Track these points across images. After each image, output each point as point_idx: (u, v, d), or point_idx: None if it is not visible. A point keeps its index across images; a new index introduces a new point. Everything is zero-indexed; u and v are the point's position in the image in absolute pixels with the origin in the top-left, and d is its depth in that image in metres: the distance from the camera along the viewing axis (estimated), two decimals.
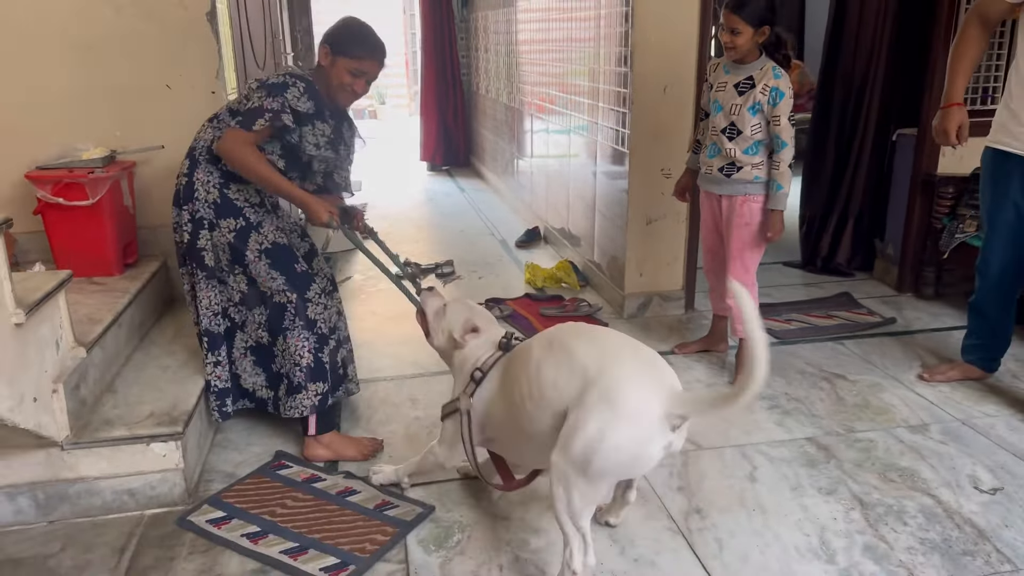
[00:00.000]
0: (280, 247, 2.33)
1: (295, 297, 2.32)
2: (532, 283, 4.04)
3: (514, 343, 1.97)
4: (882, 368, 3.04)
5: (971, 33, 2.58)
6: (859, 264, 4.19)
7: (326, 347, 2.40)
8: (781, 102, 2.63)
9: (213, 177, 2.28)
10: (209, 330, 2.39)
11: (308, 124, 2.24)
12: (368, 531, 2.07)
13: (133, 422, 2.18)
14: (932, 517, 2.10)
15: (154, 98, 2.95)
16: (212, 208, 2.28)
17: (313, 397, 2.37)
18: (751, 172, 2.74)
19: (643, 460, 1.65)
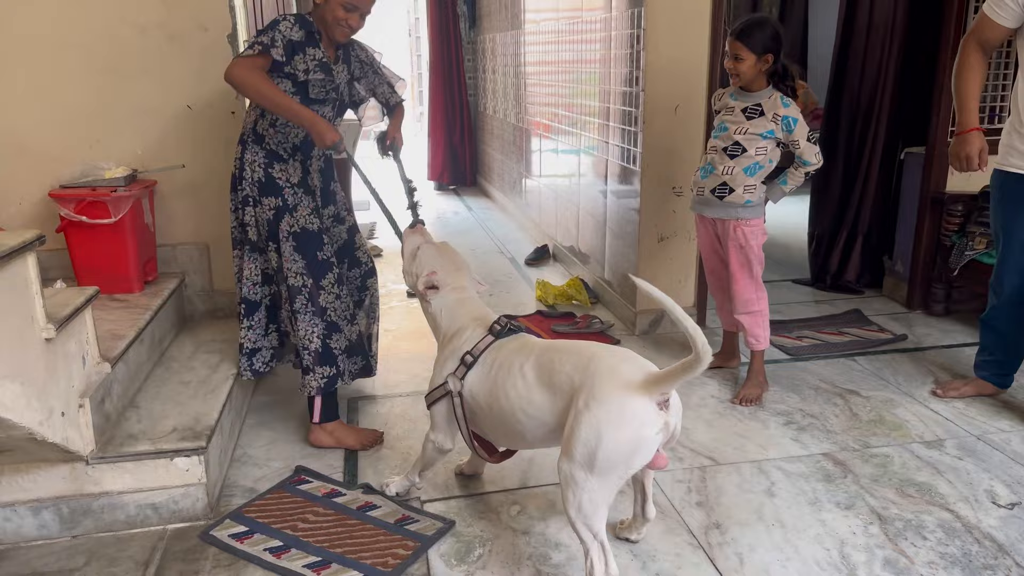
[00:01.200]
0: (308, 233, 2.46)
1: (311, 283, 2.46)
2: (543, 300, 4.07)
3: (507, 330, 2.05)
4: (895, 384, 3.06)
5: (972, 58, 2.62)
6: (868, 281, 4.22)
7: (336, 334, 2.52)
8: (796, 127, 2.69)
9: (259, 157, 2.44)
10: (247, 298, 2.56)
11: (299, 53, 2.32)
12: (390, 545, 2.08)
13: (157, 437, 2.20)
14: (951, 532, 2.11)
15: (175, 118, 3.00)
16: (256, 186, 2.45)
17: (319, 380, 2.50)
18: (743, 195, 2.77)
19: (643, 446, 1.70)
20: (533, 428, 1.91)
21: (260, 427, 2.77)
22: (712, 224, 2.91)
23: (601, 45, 3.88)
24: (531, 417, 1.89)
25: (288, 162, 2.47)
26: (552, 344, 1.96)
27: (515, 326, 2.09)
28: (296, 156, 2.49)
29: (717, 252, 2.96)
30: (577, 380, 1.77)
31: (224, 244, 3.14)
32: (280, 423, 2.80)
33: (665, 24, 3.26)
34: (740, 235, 2.80)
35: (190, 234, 3.13)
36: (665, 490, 2.33)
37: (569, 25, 4.48)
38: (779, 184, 2.81)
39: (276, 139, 2.45)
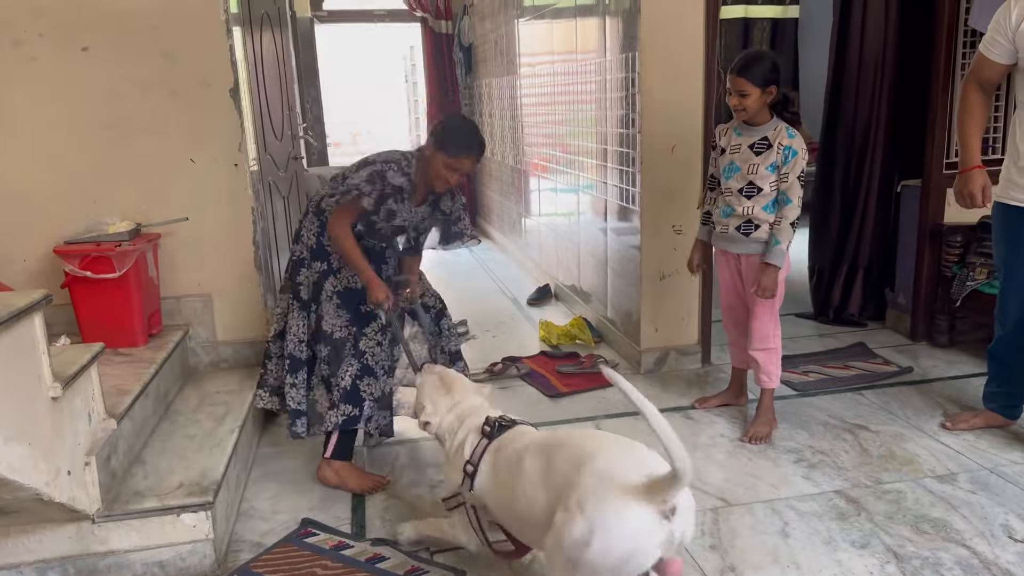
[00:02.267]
0: (351, 291, 2.61)
1: (355, 330, 2.58)
2: (547, 340, 4.06)
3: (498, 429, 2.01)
4: (904, 418, 3.04)
5: (972, 98, 2.67)
6: (871, 314, 4.22)
7: (368, 378, 2.57)
8: (792, 160, 2.70)
9: (314, 226, 2.64)
10: (292, 354, 2.64)
11: (384, 201, 2.50)
12: None
13: (163, 493, 2.18)
14: (969, 569, 2.08)
15: (178, 172, 3.03)
16: (309, 251, 2.63)
17: (339, 416, 2.55)
18: (767, 231, 2.78)
19: (638, 558, 1.55)
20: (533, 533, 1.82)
21: (265, 480, 2.75)
22: (736, 260, 2.91)
23: (596, 87, 3.94)
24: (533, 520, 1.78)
25: None
26: (550, 437, 1.89)
27: (506, 422, 2.04)
28: None
29: (737, 288, 2.96)
30: (573, 479, 1.64)
31: (227, 294, 3.17)
32: (286, 475, 2.77)
33: (658, 66, 3.31)
34: None
35: (193, 286, 3.14)
36: None
37: (564, 68, 4.55)
38: (775, 245, 2.75)
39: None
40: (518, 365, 3.69)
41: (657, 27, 3.27)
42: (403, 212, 2.59)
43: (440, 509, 2.27)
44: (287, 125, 3.95)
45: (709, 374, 3.58)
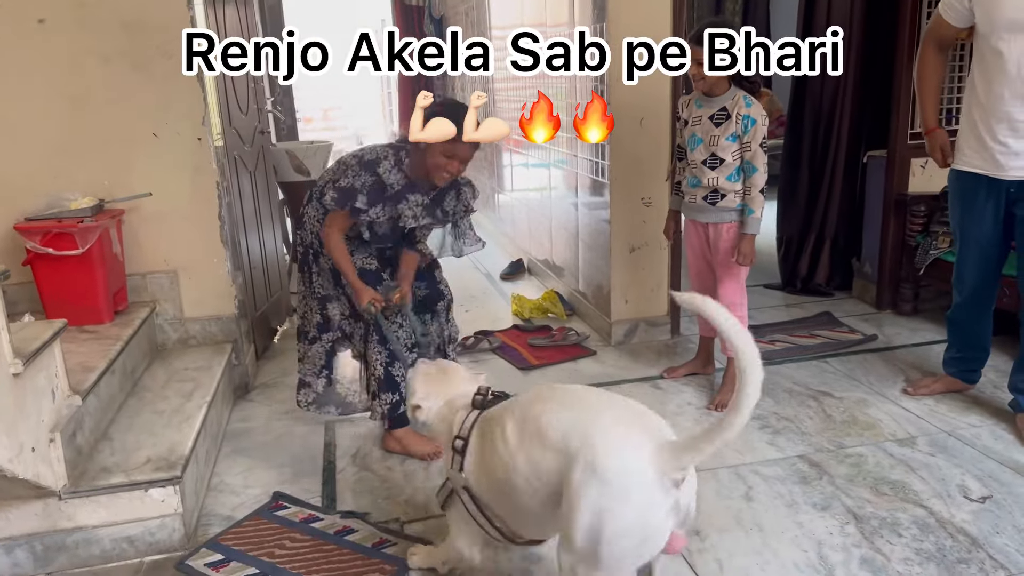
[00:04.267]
0: (367, 271, 2.59)
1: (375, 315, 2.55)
2: (519, 314, 4.08)
3: (489, 399, 1.83)
4: (867, 384, 3.11)
5: (929, 57, 2.73)
6: (838, 284, 4.29)
7: (397, 362, 2.59)
8: (752, 129, 2.73)
9: (318, 214, 2.59)
10: (306, 331, 2.74)
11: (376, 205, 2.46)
12: (366, 569, 2.08)
13: (131, 468, 2.18)
14: (925, 528, 2.15)
15: (141, 146, 2.98)
16: (318, 239, 2.60)
17: (383, 406, 2.61)
18: (734, 200, 2.81)
19: (653, 534, 1.47)
20: (534, 501, 1.61)
21: (236, 454, 2.75)
22: (704, 228, 2.94)
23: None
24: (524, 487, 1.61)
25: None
26: (538, 394, 1.70)
27: (499, 393, 1.86)
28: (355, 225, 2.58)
29: (705, 256, 2.99)
30: (574, 444, 1.49)
31: (193, 271, 3.14)
32: (257, 450, 2.78)
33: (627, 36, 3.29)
34: (733, 237, 2.84)
35: (159, 262, 3.10)
36: None
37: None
38: (749, 215, 2.78)
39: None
40: (490, 339, 3.71)
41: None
42: (406, 211, 2.51)
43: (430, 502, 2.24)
44: (252, 99, 3.89)
45: (679, 344, 3.62)
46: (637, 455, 1.44)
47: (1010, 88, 2.45)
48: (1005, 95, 2.46)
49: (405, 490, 2.47)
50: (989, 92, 2.51)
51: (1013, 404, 2.69)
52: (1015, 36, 2.41)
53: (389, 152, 2.51)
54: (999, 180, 2.55)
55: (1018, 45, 2.41)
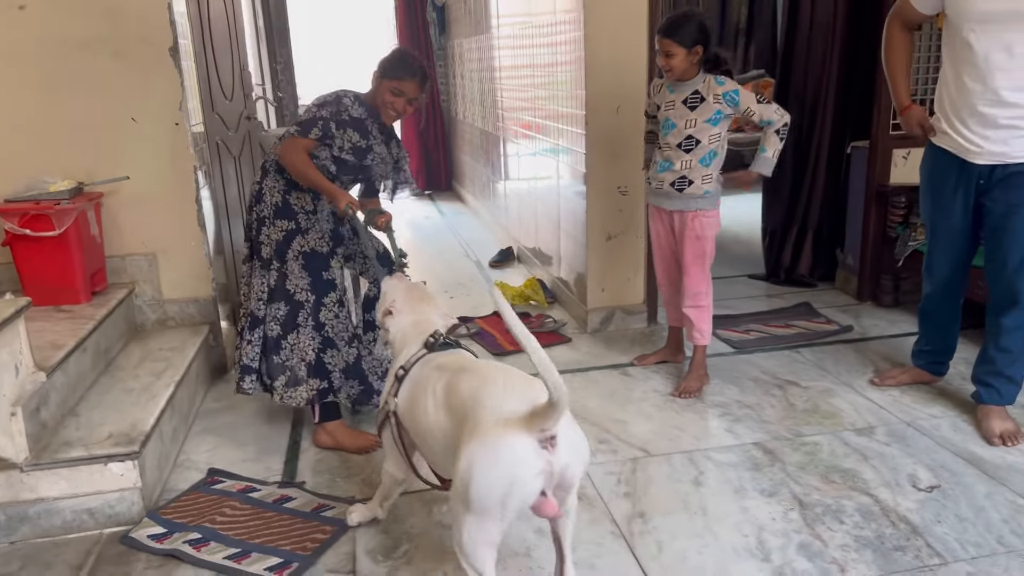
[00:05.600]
0: (317, 253, 2.63)
1: (313, 299, 2.61)
2: None
3: (441, 342, 1.98)
4: (835, 374, 3.11)
5: (895, 36, 2.67)
6: (821, 274, 4.28)
7: (331, 350, 2.63)
8: (740, 97, 2.76)
9: (279, 184, 2.64)
10: (253, 312, 2.67)
11: (341, 129, 2.54)
12: (307, 531, 2.17)
13: (92, 443, 2.24)
14: (868, 515, 2.16)
15: (120, 130, 3.04)
16: (273, 209, 2.63)
17: (309, 392, 2.61)
18: (701, 186, 2.83)
19: (519, 488, 1.54)
20: (440, 447, 1.81)
21: (205, 433, 2.82)
22: (669, 216, 2.96)
23: (548, 49, 3.94)
24: (439, 440, 1.80)
25: (305, 192, 2.65)
26: (466, 365, 1.86)
27: (451, 340, 2.02)
28: (311, 190, 2.64)
29: (670, 245, 3.02)
30: (468, 407, 1.66)
31: (171, 253, 3.20)
32: (226, 429, 2.84)
33: (604, 26, 3.32)
34: (698, 226, 2.86)
35: (139, 245, 3.17)
36: (595, 481, 2.38)
37: (524, 30, 4.54)
38: (760, 153, 2.82)
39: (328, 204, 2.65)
40: (468, 325, 3.75)
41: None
42: (376, 144, 2.61)
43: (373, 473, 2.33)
44: (239, 85, 3.94)
45: (654, 333, 3.64)
46: (508, 415, 1.57)
47: (980, 82, 2.40)
48: (975, 89, 2.42)
49: (364, 469, 2.53)
50: (959, 83, 2.47)
51: (975, 396, 2.69)
52: (985, 29, 2.36)
53: (347, 90, 2.63)
54: (971, 165, 2.51)
55: (987, 38, 2.36)
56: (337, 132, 2.55)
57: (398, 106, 2.59)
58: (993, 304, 2.61)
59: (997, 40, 2.34)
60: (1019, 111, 2.37)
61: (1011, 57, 2.33)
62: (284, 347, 2.63)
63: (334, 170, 2.61)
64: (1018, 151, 2.41)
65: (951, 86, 2.51)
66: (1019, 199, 2.44)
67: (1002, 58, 2.34)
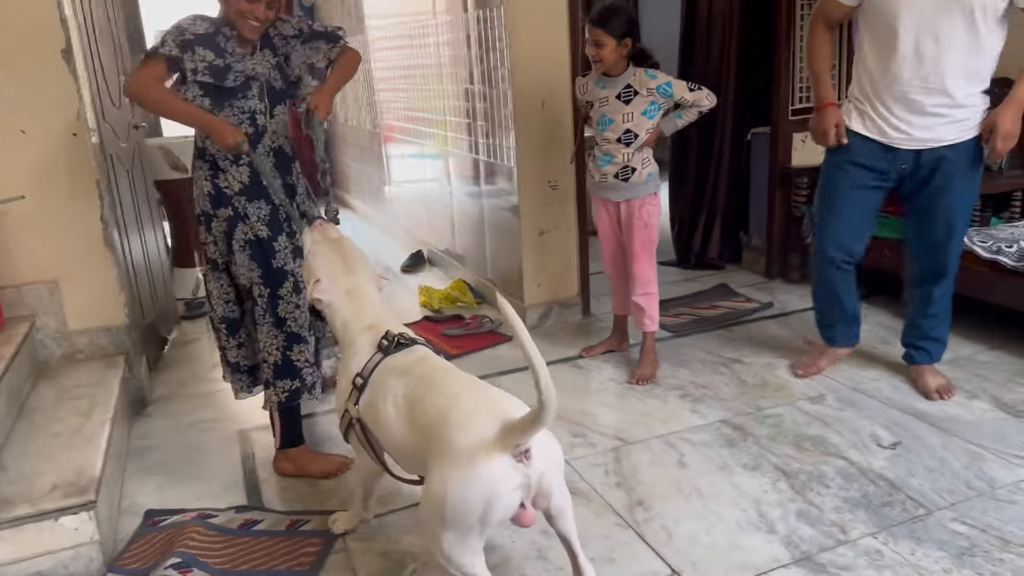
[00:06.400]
0: (260, 241, 2.34)
1: (267, 292, 2.36)
2: (428, 305, 4.01)
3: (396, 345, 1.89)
4: (772, 349, 3.26)
5: (819, 36, 2.69)
6: (729, 256, 4.48)
7: (297, 345, 2.40)
8: (674, 88, 2.82)
9: (203, 170, 2.34)
10: (226, 316, 2.45)
11: (189, 51, 2.19)
12: (293, 548, 2.06)
13: (35, 497, 1.96)
14: (848, 477, 2.28)
15: (8, 144, 2.69)
16: (209, 200, 2.34)
17: (281, 394, 2.40)
18: (643, 172, 2.88)
19: (497, 505, 1.52)
20: (407, 455, 1.79)
21: (143, 474, 2.55)
22: (615, 208, 2.97)
23: (461, 45, 3.88)
24: (403, 449, 1.78)
25: (229, 171, 2.32)
26: (425, 376, 1.79)
27: (406, 339, 1.93)
28: (240, 161, 2.32)
29: (617, 235, 3.04)
30: (436, 430, 1.62)
31: (75, 279, 2.88)
32: (163, 467, 2.59)
33: (525, 19, 3.30)
34: (645, 214, 2.90)
35: (37, 272, 2.82)
36: (584, 475, 2.36)
37: (421, 28, 4.44)
38: (673, 117, 2.89)
39: (215, 148, 2.30)
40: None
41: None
42: (235, 63, 2.25)
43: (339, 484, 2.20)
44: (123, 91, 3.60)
45: (591, 324, 3.67)
46: (481, 434, 1.53)
47: (907, 68, 2.43)
48: (903, 75, 2.44)
49: (338, 493, 2.37)
50: (884, 71, 2.48)
51: (906, 357, 2.89)
52: (911, 16, 2.38)
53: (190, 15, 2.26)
54: (893, 151, 2.55)
55: (913, 24, 2.38)
56: (185, 56, 2.18)
57: (258, 12, 2.20)
58: (918, 277, 2.76)
59: (924, 27, 2.37)
60: (945, 98, 2.43)
61: (937, 43, 2.37)
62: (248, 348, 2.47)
63: (208, 104, 2.24)
64: (945, 136, 2.48)
65: (873, 72, 2.53)
66: (945, 183, 2.53)
67: (929, 45, 2.38)
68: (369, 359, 1.89)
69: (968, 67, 2.41)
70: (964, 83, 2.43)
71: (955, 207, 2.59)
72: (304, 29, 2.42)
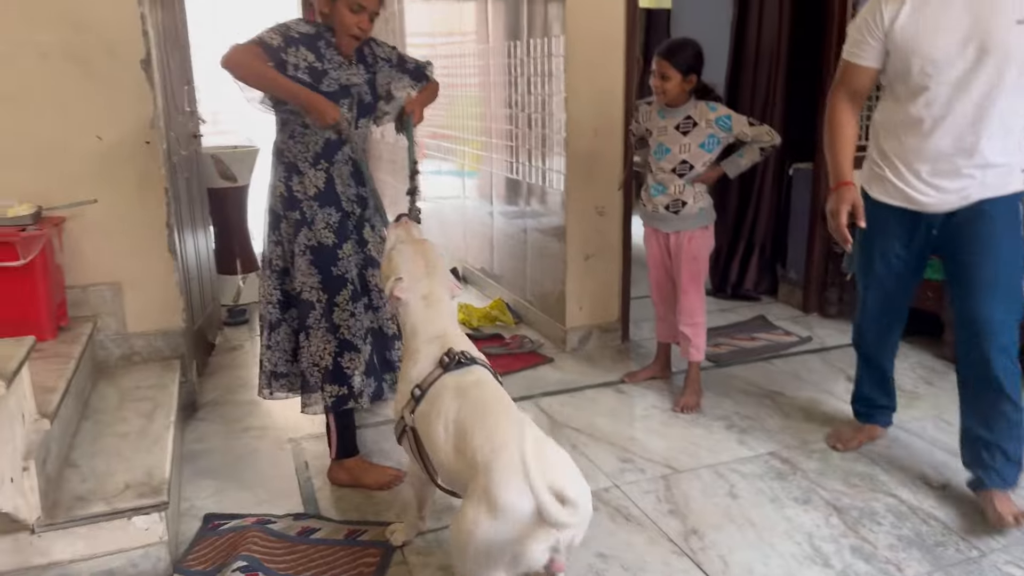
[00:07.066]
0: (324, 247, 2.39)
1: (325, 298, 2.39)
2: (467, 323, 4.06)
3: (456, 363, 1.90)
4: (813, 383, 3.29)
5: (842, 113, 2.35)
6: (765, 289, 4.52)
7: (349, 352, 2.41)
8: (733, 122, 2.87)
9: (279, 172, 2.41)
10: (263, 315, 2.51)
11: (293, 46, 2.27)
12: (353, 557, 2.12)
13: (110, 496, 2.02)
14: (900, 515, 2.30)
15: (83, 149, 2.77)
16: (281, 202, 2.41)
17: (328, 398, 2.42)
18: (695, 205, 2.93)
19: (523, 558, 1.53)
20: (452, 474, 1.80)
21: (200, 477, 2.60)
22: (665, 238, 3.02)
23: (514, 71, 3.95)
24: (445, 466, 1.81)
25: (306, 174, 2.39)
26: (478, 406, 1.79)
27: (467, 358, 1.93)
28: (318, 165, 2.38)
29: (665, 265, 3.08)
30: (480, 460, 1.62)
31: (138, 282, 2.95)
32: (222, 470, 2.64)
33: (583, 50, 3.38)
34: (694, 247, 2.94)
35: (102, 274, 2.89)
36: (637, 501, 2.39)
37: (469, 50, 4.53)
38: (736, 157, 2.94)
39: (295, 151, 2.39)
40: None
41: (582, 10, 3.33)
42: (332, 70, 2.32)
43: None
44: (187, 101, 3.70)
45: (630, 350, 3.71)
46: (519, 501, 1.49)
47: (939, 129, 2.16)
48: (933, 136, 2.17)
49: (393, 505, 2.41)
50: (910, 131, 2.21)
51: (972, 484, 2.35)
52: (943, 69, 2.11)
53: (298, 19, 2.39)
54: (921, 216, 2.28)
55: (947, 78, 2.11)
56: (289, 49, 2.25)
57: (363, 24, 2.29)
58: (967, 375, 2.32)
59: (958, 83, 2.11)
60: (979, 159, 2.16)
61: (973, 102, 2.11)
62: (300, 353, 2.46)
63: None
64: (979, 192, 2.20)
65: (897, 132, 2.25)
66: (988, 232, 2.21)
67: (964, 104, 2.12)
68: (429, 373, 1.92)
69: (1006, 125, 2.14)
70: (1001, 142, 2.16)
71: (1000, 272, 2.21)
72: (394, 58, 2.53)
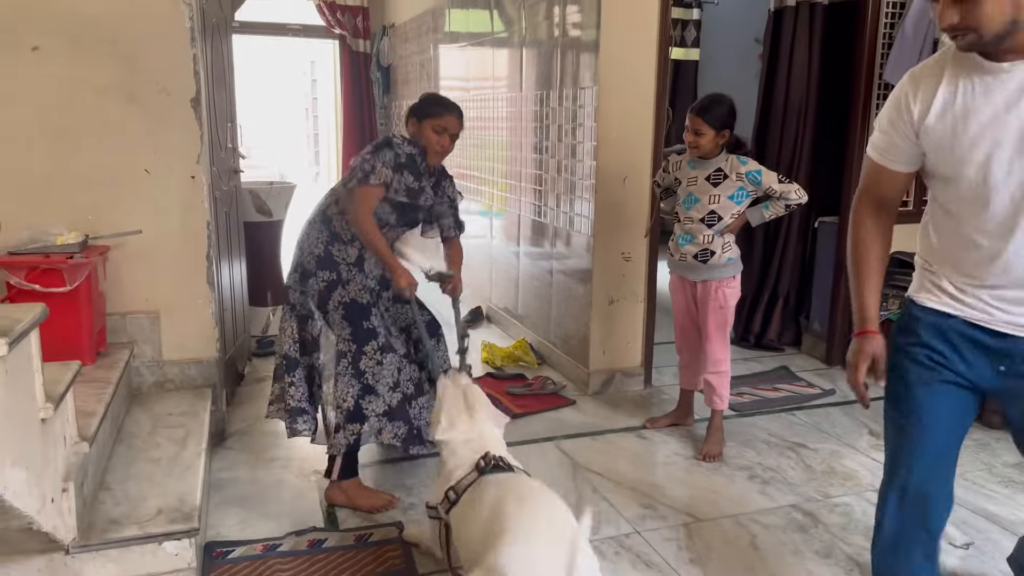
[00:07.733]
0: (358, 304, 2.62)
1: (355, 348, 2.58)
2: (490, 362, 4.10)
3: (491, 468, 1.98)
4: (835, 436, 3.29)
5: (865, 224, 1.78)
6: (788, 340, 4.53)
7: (370, 396, 2.58)
8: (763, 176, 2.92)
9: (323, 235, 2.67)
10: (287, 354, 2.72)
11: (399, 173, 2.57)
12: (376, 555, 2.23)
13: (143, 520, 2.07)
14: None
15: (131, 182, 2.88)
16: (314, 259, 2.66)
17: (349, 436, 2.55)
18: (723, 256, 2.97)
19: None
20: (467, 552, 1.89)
21: (227, 505, 2.64)
22: (692, 287, 3.07)
23: (545, 118, 4.05)
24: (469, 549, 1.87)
25: (348, 244, 2.67)
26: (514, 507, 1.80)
27: (501, 464, 2.01)
28: (356, 241, 2.66)
29: (691, 313, 3.12)
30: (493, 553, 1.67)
31: (175, 312, 3.03)
32: (248, 499, 2.68)
33: (614, 101, 3.47)
34: (721, 296, 2.98)
35: (141, 302, 2.98)
36: (658, 549, 2.40)
37: (502, 95, 4.65)
38: (760, 208, 2.98)
39: (341, 225, 2.67)
40: None
41: (614, 62, 3.43)
42: (427, 186, 2.68)
43: None
44: (229, 138, 3.82)
45: (652, 395, 3.73)
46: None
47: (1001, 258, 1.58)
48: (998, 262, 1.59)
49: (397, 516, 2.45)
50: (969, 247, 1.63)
51: None
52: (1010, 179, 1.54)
53: (393, 134, 2.70)
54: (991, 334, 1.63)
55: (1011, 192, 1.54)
56: (395, 176, 2.57)
57: (445, 143, 2.66)
58: None
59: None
60: None
61: None
62: (322, 396, 2.73)
63: (394, 220, 2.68)
64: None
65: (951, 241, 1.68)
66: None
67: None
68: (464, 476, 2.01)
69: None
70: None
71: None
72: (452, 197, 2.89)
